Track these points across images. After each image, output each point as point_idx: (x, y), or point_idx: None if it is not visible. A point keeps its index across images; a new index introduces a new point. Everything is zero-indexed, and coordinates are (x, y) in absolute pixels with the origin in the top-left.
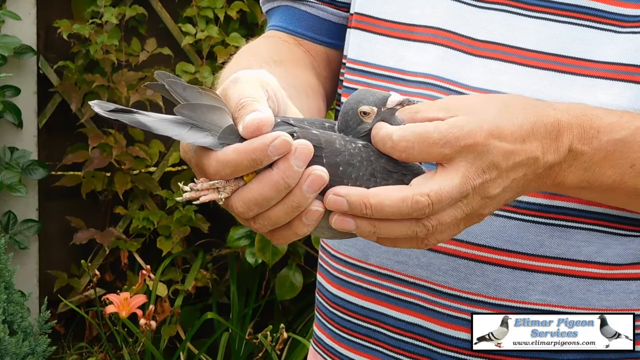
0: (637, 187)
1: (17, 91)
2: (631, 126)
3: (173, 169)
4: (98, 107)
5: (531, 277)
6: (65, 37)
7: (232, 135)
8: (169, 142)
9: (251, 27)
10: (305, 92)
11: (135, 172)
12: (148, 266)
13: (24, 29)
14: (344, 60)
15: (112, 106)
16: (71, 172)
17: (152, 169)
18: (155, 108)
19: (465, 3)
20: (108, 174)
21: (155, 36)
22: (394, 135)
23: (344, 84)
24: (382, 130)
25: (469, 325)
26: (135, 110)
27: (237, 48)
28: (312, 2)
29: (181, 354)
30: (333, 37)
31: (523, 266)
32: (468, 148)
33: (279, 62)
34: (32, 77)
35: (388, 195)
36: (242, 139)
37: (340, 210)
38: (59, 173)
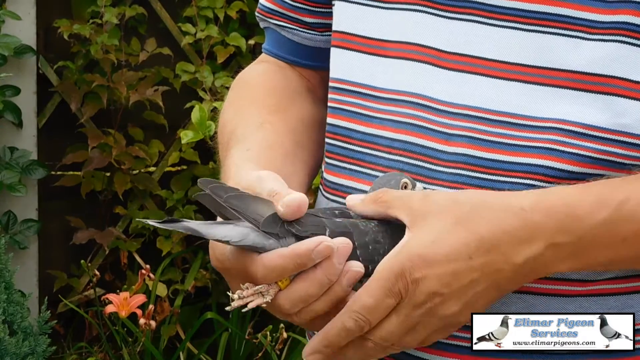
0: (636, 256)
1: (16, 91)
2: (613, 203)
3: (173, 169)
4: (151, 221)
5: (504, 298)
6: (65, 37)
7: (275, 224)
8: (169, 142)
9: (251, 27)
10: (304, 133)
11: (134, 172)
12: (148, 266)
13: (24, 29)
14: None
15: (165, 218)
16: (71, 172)
17: (151, 169)
18: (155, 108)
19: (435, 15)
20: (108, 174)
21: (155, 36)
22: (346, 324)
23: (327, 103)
24: (336, 326)
25: (441, 347)
26: (183, 219)
27: (237, 48)
28: (288, 27)
29: (181, 353)
30: (317, 60)
31: None
32: (400, 292)
33: (275, 108)
34: (32, 77)
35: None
36: (283, 227)
37: None
38: (58, 173)
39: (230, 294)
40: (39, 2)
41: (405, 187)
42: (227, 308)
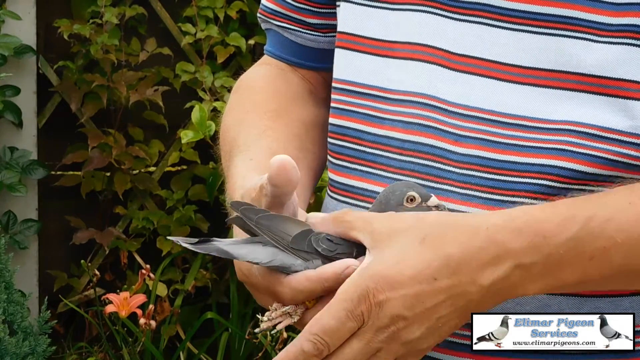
0: (604, 276)
1: (17, 91)
2: (579, 220)
3: (173, 169)
4: (183, 241)
5: (519, 298)
6: (65, 37)
7: (303, 240)
8: (169, 142)
9: (251, 27)
10: (307, 137)
11: (135, 172)
12: (148, 266)
13: (24, 29)
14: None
15: (196, 239)
16: (71, 172)
17: (151, 168)
18: (155, 108)
19: (443, 16)
20: (108, 174)
21: (155, 36)
22: (304, 347)
23: (330, 104)
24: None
25: (443, 345)
26: (214, 239)
27: (237, 48)
28: (291, 28)
29: (181, 353)
30: (319, 61)
31: None
32: (363, 314)
33: (277, 113)
34: (32, 77)
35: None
36: (310, 244)
37: None
38: (58, 173)
39: (259, 316)
40: (39, 2)
41: (412, 201)
42: (257, 330)
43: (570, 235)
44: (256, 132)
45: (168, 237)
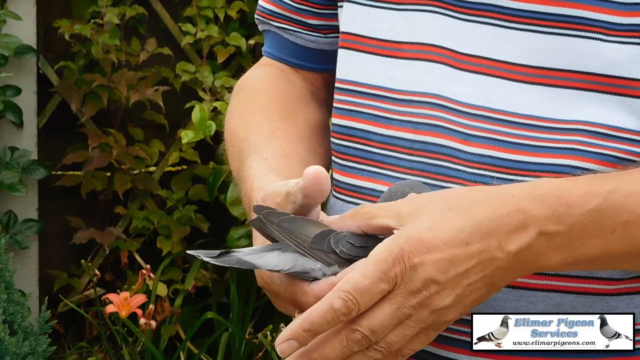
0: (624, 252)
1: (17, 91)
2: (602, 192)
3: (173, 169)
4: (204, 255)
5: (531, 296)
6: (67, 37)
7: (323, 240)
8: (169, 142)
9: (251, 27)
10: (314, 138)
11: (135, 172)
12: (148, 266)
13: (24, 29)
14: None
15: (217, 252)
16: (71, 172)
17: (152, 168)
18: (156, 108)
19: (450, 16)
20: (108, 174)
21: (155, 36)
22: (334, 304)
23: (333, 104)
24: (325, 304)
25: (444, 342)
26: (233, 251)
27: (237, 48)
28: (291, 29)
29: (181, 353)
30: (321, 62)
31: (522, 285)
32: (396, 277)
33: (284, 115)
34: (32, 77)
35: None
36: (329, 245)
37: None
38: (58, 173)
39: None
40: (40, 2)
41: None
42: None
43: (593, 207)
44: (267, 133)
45: (188, 251)
